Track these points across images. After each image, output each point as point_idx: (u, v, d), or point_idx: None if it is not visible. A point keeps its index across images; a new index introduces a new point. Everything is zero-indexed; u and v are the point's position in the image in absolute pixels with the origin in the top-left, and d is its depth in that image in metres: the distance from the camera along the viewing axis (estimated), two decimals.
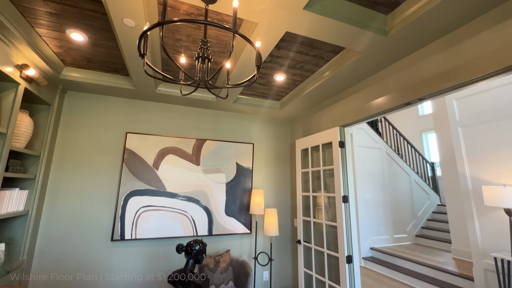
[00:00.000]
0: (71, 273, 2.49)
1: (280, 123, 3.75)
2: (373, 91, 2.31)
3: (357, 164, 4.87)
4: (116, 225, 2.66)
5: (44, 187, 2.49)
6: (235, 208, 3.20)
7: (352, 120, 2.52)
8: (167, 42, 2.00)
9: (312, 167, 3.04)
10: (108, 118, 2.87)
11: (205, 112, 3.32)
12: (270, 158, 3.57)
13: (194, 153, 3.13)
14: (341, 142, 2.63)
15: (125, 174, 2.79)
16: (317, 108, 3.14)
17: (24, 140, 2.18)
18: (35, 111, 2.49)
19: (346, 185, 2.56)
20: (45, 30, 1.88)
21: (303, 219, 3.06)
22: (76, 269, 2.51)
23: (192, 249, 1.59)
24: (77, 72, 2.47)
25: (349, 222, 2.49)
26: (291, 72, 2.48)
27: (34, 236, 2.39)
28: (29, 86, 2.12)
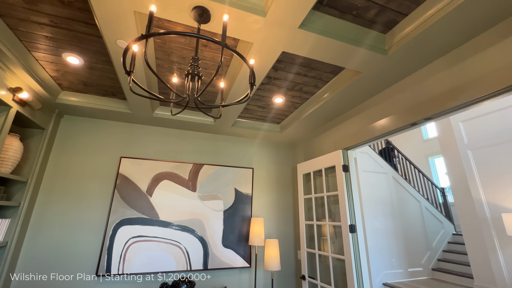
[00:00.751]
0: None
1: (281, 147, 3.64)
2: (376, 112, 2.22)
3: (363, 189, 4.64)
4: (103, 258, 2.44)
5: (28, 216, 2.33)
6: (233, 238, 2.95)
7: (355, 142, 2.40)
8: (163, 65, 1.98)
9: (315, 193, 2.85)
10: (103, 142, 2.79)
11: (203, 136, 3.24)
12: (271, 184, 3.40)
13: (190, 178, 2.98)
14: (344, 166, 2.48)
15: (117, 201, 2.63)
16: (318, 131, 3.05)
17: (10, 165, 2.08)
18: (28, 135, 2.43)
19: (353, 213, 2.36)
20: (41, 54, 1.88)
21: (307, 251, 2.80)
22: None
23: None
24: (73, 96, 2.45)
25: (358, 255, 2.24)
26: (290, 94, 2.43)
27: (11, 271, 2.18)
28: (22, 110, 2.08)
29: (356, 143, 2.39)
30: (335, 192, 2.52)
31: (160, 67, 2.01)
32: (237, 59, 1.87)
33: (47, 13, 1.49)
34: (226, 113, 2.66)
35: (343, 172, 2.45)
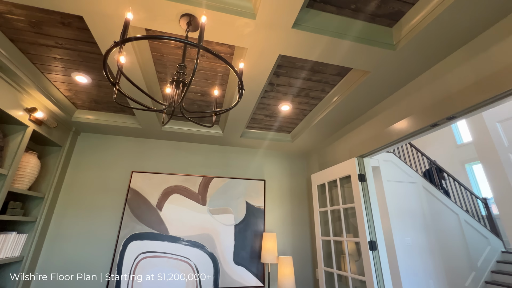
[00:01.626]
0: None
1: (293, 157, 3.48)
2: (391, 115, 2.01)
3: (389, 201, 4.25)
4: (113, 273, 2.42)
5: (44, 231, 2.41)
6: (245, 255, 2.80)
7: (371, 149, 2.19)
8: (164, 78, 2.00)
9: (331, 206, 2.63)
10: (116, 157, 2.87)
11: (212, 148, 3.21)
12: (284, 196, 3.23)
13: (200, 191, 2.93)
14: (360, 175, 2.26)
15: (127, 215, 2.64)
16: (332, 138, 2.87)
17: (27, 182, 2.19)
18: (46, 152, 2.56)
19: (372, 228, 2.11)
20: (53, 75, 1.99)
21: (325, 270, 2.55)
22: None
23: None
24: (87, 114, 2.57)
25: (381, 276, 1.97)
26: (297, 101, 2.32)
27: (26, 286, 2.23)
28: (38, 129, 2.20)
29: (372, 149, 2.18)
30: (351, 204, 2.30)
31: (162, 80, 2.03)
32: (236, 67, 1.82)
33: (51, 35, 1.58)
34: (233, 124, 2.60)
35: (359, 182, 2.24)
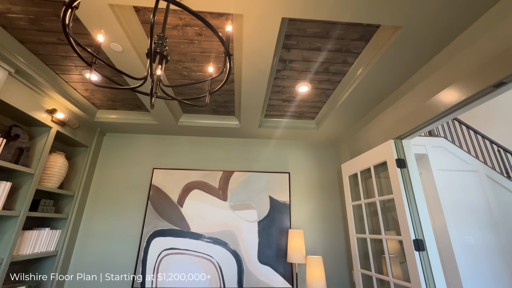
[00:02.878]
0: None
1: (321, 147, 3.15)
2: (435, 82, 1.60)
3: (442, 194, 3.62)
4: (138, 270, 2.43)
5: (76, 227, 2.53)
6: (270, 253, 2.59)
7: (411, 127, 1.79)
8: (168, 66, 1.89)
9: (365, 198, 2.27)
10: (138, 155, 2.91)
11: (232, 142, 3.06)
12: (312, 190, 2.93)
13: (220, 186, 2.81)
14: (399, 161, 1.88)
15: (150, 212, 2.64)
16: (363, 121, 2.48)
17: (56, 180, 2.30)
18: (75, 153, 2.70)
19: (418, 223, 1.72)
20: (67, 75, 2.04)
21: (362, 272, 2.20)
22: None
23: None
24: (108, 114, 2.63)
25: (432, 282, 1.59)
26: (316, 79, 2.03)
27: (62, 280, 2.36)
28: (62, 129, 2.29)
29: (411, 127, 1.78)
30: (389, 196, 1.92)
31: (168, 70, 1.93)
32: (237, 43, 1.62)
33: (51, 30, 1.57)
34: (248, 113, 2.41)
35: (397, 168, 1.85)
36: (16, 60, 1.71)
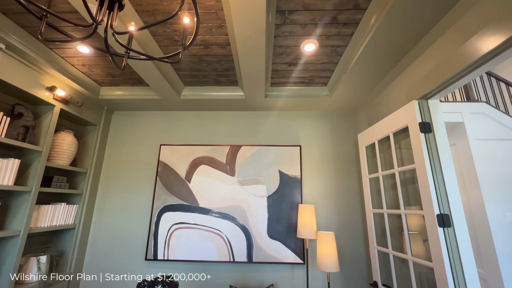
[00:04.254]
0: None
1: (336, 117, 2.87)
2: (471, 22, 1.26)
3: (480, 167, 3.19)
4: (150, 243, 2.50)
5: (91, 203, 2.63)
6: (280, 229, 2.50)
7: (438, 82, 1.48)
8: (156, 31, 1.73)
9: (383, 170, 2.02)
10: (146, 132, 2.89)
11: (238, 115, 2.90)
12: (325, 163, 2.72)
13: (228, 162, 2.71)
14: (423, 125, 1.59)
15: (159, 188, 2.65)
16: (382, 83, 2.16)
17: (66, 158, 2.36)
18: (85, 132, 2.74)
19: (444, 197, 1.47)
20: (60, 50, 1.98)
21: (378, 249, 2.03)
22: (116, 286, 2.45)
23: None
24: (110, 91, 2.59)
25: (459, 263, 1.37)
26: (324, 34, 1.74)
27: (82, 250, 2.50)
28: (66, 107, 2.30)
29: (440, 82, 1.47)
30: (410, 166, 1.67)
31: (157, 35, 1.77)
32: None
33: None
34: (251, 81, 2.20)
35: (420, 133, 1.57)
36: (4, 34, 1.66)
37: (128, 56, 1.14)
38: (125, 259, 2.50)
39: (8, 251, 1.86)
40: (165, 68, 2.16)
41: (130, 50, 1.08)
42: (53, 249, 2.39)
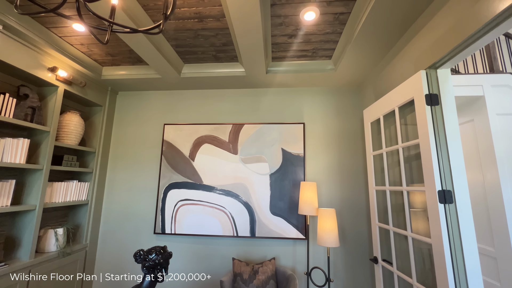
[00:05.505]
0: (126, 260, 2.62)
1: (341, 93, 2.74)
2: None
3: (499, 144, 3.00)
4: (158, 218, 2.62)
5: (102, 181, 2.76)
6: (283, 205, 2.53)
7: (448, 48, 1.35)
8: (148, 4, 1.67)
9: (387, 146, 1.95)
10: (150, 112, 2.92)
11: (240, 93, 2.84)
12: (329, 141, 2.65)
13: (230, 140, 2.71)
14: (430, 97, 1.48)
15: (164, 166, 2.73)
16: (390, 55, 2.01)
17: (74, 138, 2.45)
18: (92, 113, 2.81)
19: (447, 172, 1.40)
20: (58, 29, 1.97)
21: (379, 226, 2.01)
22: (128, 256, 2.63)
23: (146, 259, 1.15)
24: (113, 71, 2.60)
25: (458, 239, 1.33)
26: (325, 0, 1.61)
27: (96, 223, 2.68)
28: (70, 88, 2.34)
29: (451, 48, 1.34)
30: (414, 141, 1.59)
31: (149, 9, 1.71)
32: None
33: None
34: (250, 56, 2.12)
35: (426, 106, 1.47)
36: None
37: (111, 30, 1.12)
38: (135, 232, 2.66)
39: (26, 223, 2.02)
40: (162, 45, 2.12)
41: (112, 23, 1.05)
42: (70, 223, 2.56)
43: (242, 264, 2.21)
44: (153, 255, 1.20)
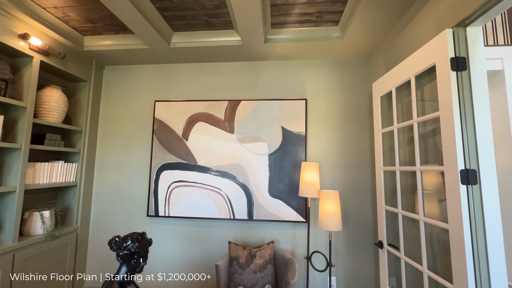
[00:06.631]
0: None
1: (348, 65, 2.49)
2: None
3: None
4: (150, 200, 2.49)
5: (91, 161, 2.61)
6: (282, 187, 2.38)
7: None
8: None
9: (399, 122, 1.74)
10: (139, 88, 2.70)
11: (237, 66, 2.60)
12: (334, 119, 2.45)
13: (226, 118, 2.51)
14: (457, 60, 1.25)
15: (156, 146, 2.55)
16: (406, 17, 1.74)
17: (57, 115, 2.26)
18: (77, 89, 2.59)
19: (473, 149, 1.21)
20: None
21: (386, 209, 1.86)
22: None
23: (120, 247, 1.00)
24: (95, 41, 2.35)
25: (481, 224, 1.17)
26: None
27: (87, 206, 2.56)
28: (47, 59, 2.11)
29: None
30: (433, 114, 1.38)
31: None
32: None
33: None
34: (245, 20, 1.86)
35: (451, 72, 1.25)
36: None
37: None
38: (128, 215, 2.55)
39: (7, 206, 1.89)
40: (146, 8, 1.86)
41: None
42: (58, 205, 2.44)
43: (238, 248, 2.10)
44: (129, 242, 1.06)
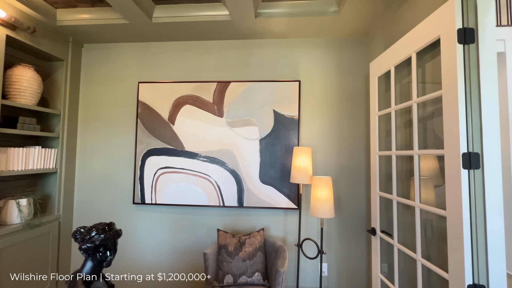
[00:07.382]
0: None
1: (345, 44, 2.34)
2: None
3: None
4: (136, 187, 2.38)
5: (72, 147, 2.46)
6: (274, 174, 2.29)
7: None
8: None
9: (397, 104, 1.63)
10: (121, 68, 2.52)
11: (227, 45, 2.42)
12: (329, 101, 2.32)
13: (215, 101, 2.37)
14: (464, 32, 1.12)
15: (141, 130, 2.41)
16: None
17: (30, 96, 2.08)
18: (53, 69, 2.40)
19: (477, 131, 1.11)
20: None
21: (380, 195, 1.79)
22: None
23: (84, 239, 0.90)
24: (69, 14, 2.14)
25: (482, 212, 1.09)
26: None
27: (70, 193, 2.44)
28: (14, 34, 1.91)
29: None
30: (435, 94, 1.27)
31: None
32: None
33: None
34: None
35: (458, 45, 1.12)
36: None
37: None
38: (113, 202, 2.44)
39: None
40: None
41: None
42: (38, 193, 2.32)
43: (227, 235, 2.02)
44: (93, 233, 0.95)
